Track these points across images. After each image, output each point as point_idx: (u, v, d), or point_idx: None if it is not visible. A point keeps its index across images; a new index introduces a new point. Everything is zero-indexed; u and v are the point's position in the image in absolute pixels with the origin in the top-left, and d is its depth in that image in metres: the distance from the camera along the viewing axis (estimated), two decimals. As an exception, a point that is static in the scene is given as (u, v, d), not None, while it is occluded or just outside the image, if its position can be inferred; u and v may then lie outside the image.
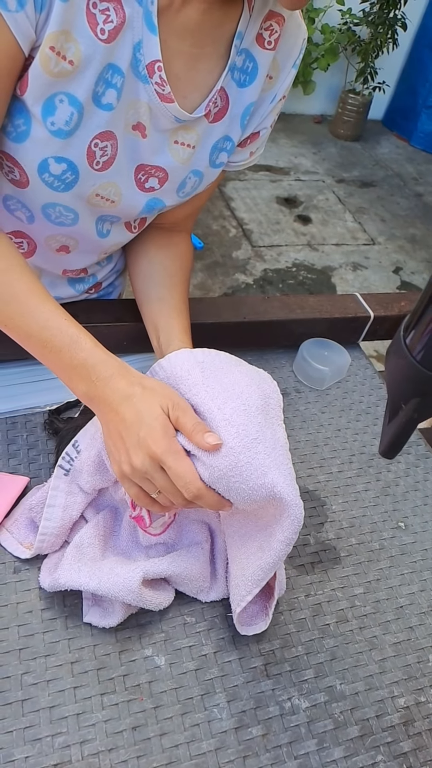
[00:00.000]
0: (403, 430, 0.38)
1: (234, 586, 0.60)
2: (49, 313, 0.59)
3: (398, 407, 0.37)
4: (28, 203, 0.69)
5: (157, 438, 0.54)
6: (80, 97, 0.58)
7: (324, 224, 3.45)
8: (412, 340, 0.32)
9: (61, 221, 0.70)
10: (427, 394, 0.34)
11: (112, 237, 0.77)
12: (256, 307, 0.94)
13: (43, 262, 0.80)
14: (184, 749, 0.53)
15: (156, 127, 0.66)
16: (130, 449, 0.55)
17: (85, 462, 0.63)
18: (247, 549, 0.60)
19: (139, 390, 0.57)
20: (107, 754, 0.52)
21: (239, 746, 0.54)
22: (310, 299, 0.99)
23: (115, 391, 0.57)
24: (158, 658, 0.59)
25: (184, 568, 0.61)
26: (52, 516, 0.62)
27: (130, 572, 0.58)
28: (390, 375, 0.37)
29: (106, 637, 0.59)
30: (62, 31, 0.54)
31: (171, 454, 0.54)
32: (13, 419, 0.76)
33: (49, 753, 0.51)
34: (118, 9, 0.56)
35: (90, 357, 0.58)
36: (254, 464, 0.53)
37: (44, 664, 0.56)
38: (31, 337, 0.59)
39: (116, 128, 0.63)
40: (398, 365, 0.33)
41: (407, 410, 0.36)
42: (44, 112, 0.58)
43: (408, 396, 0.35)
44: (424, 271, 3.22)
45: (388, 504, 0.79)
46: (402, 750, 0.57)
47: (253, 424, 0.55)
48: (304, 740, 0.56)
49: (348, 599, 0.67)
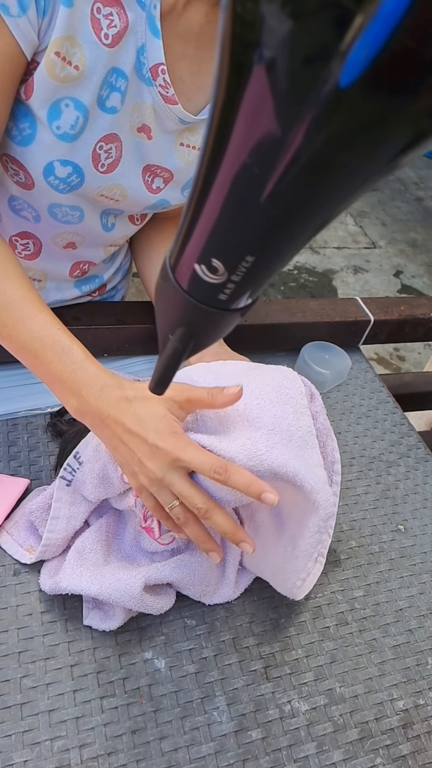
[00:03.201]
0: (169, 363, 0.36)
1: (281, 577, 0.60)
2: (43, 322, 0.57)
3: (166, 339, 0.35)
4: (34, 204, 0.69)
5: (169, 439, 0.52)
6: (85, 101, 0.59)
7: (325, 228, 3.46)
8: (177, 265, 0.30)
9: (68, 219, 0.70)
10: (192, 323, 0.32)
11: (117, 230, 0.78)
12: (257, 310, 0.94)
13: (50, 263, 0.80)
14: (184, 753, 0.53)
15: (161, 128, 0.66)
16: (143, 458, 0.53)
17: (88, 474, 0.61)
18: (282, 543, 0.59)
19: (134, 397, 0.55)
20: (106, 758, 0.52)
21: (239, 749, 0.54)
22: (311, 303, 0.99)
23: (109, 404, 0.54)
24: (158, 661, 0.59)
25: (187, 573, 0.61)
26: (55, 528, 0.62)
27: (132, 578, 0.58)
28: (157, 306, 0.35)
29: (106, 640, 0.59)
30: (67, 37, 0.54)
31: (187, 449, 0.52)
32: (14, 421, 0.77)
33: (48, 757, 0.51)
34: (121, 14, 0.56)
35: (79, 370, 0.56)
36: (274, 454, 0.53)
37: (44, 667, 0.56)
38: (23, 347, 0.57)
39: (121, 131, 0.63)
40: (165, 294, 0.32)
41: (173, 341, 0.34)
42: (50, 116, 0.59)
43: (174, 326, 0.33)
44: (424, 275, 3.22)
45: (387, 507, 0.79)
46: (401, 753, 0.57)
47: (267, 417, 0.54)
48: (304, 743, 0.56)
49: (348, 602, 0.67)
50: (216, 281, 0.29)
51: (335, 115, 0.18)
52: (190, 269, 0.29)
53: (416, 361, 2.60)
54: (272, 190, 0.22)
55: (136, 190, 0.70)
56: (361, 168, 0.21)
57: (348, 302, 1.02)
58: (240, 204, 0.24)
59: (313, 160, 0.20)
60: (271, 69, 0.18)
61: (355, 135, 0.19)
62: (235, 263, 0.27)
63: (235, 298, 0.30)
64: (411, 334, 1.05)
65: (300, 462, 0.55)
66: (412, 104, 0.17)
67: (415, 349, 2.66)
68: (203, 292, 0.30)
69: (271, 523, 0.62)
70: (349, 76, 0.17)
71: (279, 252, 0.27)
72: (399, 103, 0.17)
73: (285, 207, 0.23)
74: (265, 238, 0.26)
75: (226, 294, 0.29)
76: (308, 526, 0.56)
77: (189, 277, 0.30)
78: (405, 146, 0.19)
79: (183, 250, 0.29)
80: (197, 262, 0.29)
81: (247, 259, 0.27)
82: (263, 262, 0.27)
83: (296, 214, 0.24)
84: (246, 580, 0.65)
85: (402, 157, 0.20)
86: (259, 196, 0.23)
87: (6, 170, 0.66)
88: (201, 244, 0.28)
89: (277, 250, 0.27)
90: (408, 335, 1.05)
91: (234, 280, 0.28)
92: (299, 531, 0.57)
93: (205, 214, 0.26)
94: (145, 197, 0.71)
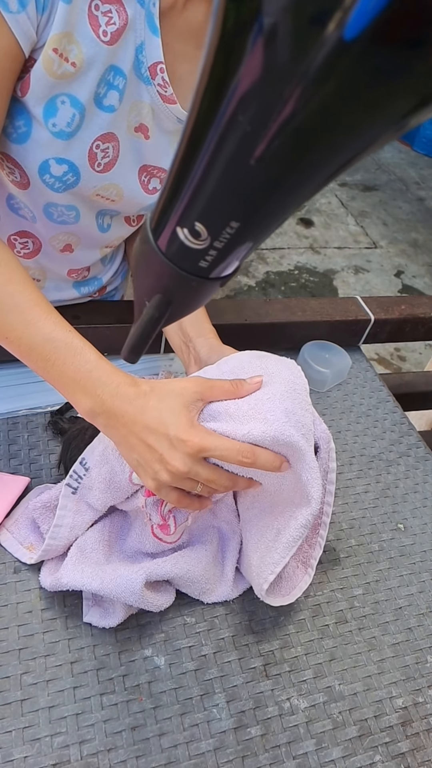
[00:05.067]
0: (144, 330, 0.35)
1: (256, 570, 0.61)
2: (54, 324, 0.56)
3: (142, 306, 0.34)
4: (30, 203, 0.69)
5: (190, 431, 0.52)
6: (82, 98, 0.58)
7: (326, 227, 3.46)
8: (158, 229, 0.29)
9: (63, 220, 0.70)
10: (169, 290, 0.32)
11: (113, 231, 0.78)
12: (257, 309, 0.95)
13: (49, 262, 0.80)
14: (183, 749, 0.53)
15: (159, 128, 0.66)
16: (165, 454, 0.52)
17: (95, 480, 0.61)
18: (266, 536, 0.61)
19: (150, 392, 0.54)
20: (106, 754, 0.52)
21: (238, 746, 0.54)
22: (312, 302, 0.99)
23: (126, 401, 0.54)
24: (158, 659, 0.59)
25: (187, 570, 0.61)
26: (57, 535, 0.62)
27: (132, 574, 0.58)
28: (136, 271, 0.34)
29: (106, 637, 0.59)
30: (65, 33, 0.54)
31: (210, 438, 0.52)
32: (14, 419, 0.77)
33: (48, 753, 0.51)
34: (121, 11, 0.56)
35: (95, 369, 0.55)
36: (290, 431, 0.53)
37: (44, 664, 0.56)
38: (33, 350, 0.57)
39: (118, 130, 0.63)
40: (144, 258, 0.31)
41: (149, 308, 0.33)
42: (46, 113, 0.59)
43: (152, 292, 0.32)
44: (425, 275, 3.22)
45: (387, 506, 0.79)
46: (400, 750, 0.57)
47: (279, 410, 0.54)
48: (303, 740, 0.56)
49: (347, 600, 0.68)
50: (198, 246, 0.28)
51: (336, 70, 0.17)
52: (171, 232, 0.28)
53: (417, 362, 2.60)
54: (264, 151, 0.21)
55: (132, 190, 0.70)
56: (359, 131, 0.20)
57: (348, 301, 1.02)
58: (228, 164, 0.23)
59: (310, 120, 0.19)
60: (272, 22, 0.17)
61: (355, 94, 0.18)
62: (219, 228, 0.26)
63: (216, 266, 0.29)
64: (411, 334, 1.05)
65: (307, 450, 0.55)
66: (418, 62, 0.16)
67: (416, 350, 2.66)
68: (184, 258, 0.29)
69: (263, 516, 0.62)
70: (354, 29, 0.16)
71: (265, 219, 0.26)
72: (405, 60, 0.16)
73: (276, 170, 0.22)
74: (251, 204, 0.25)
75: (207, 261, 0.29)
76: (296, 517, 0.58)
77: (169, 241, 0.29)
78: (405, 110, 0.18)
79: (165, 212, 0.28)
80: (179, 225, 0.27)
81: (231, 225, 0.26)
82: (248, 229, 0.26)
83: (286, 180, 0.23)
84: (245, 582, 0.66)
85: (399, 122, 0.19)
86: (250, 157, 0.22)
87: (2, 168, 0.66)
88: (184, 205, 0.27)
89: (263, 216, 0.26)
90: (408, 334, 1.05)
91: (216, 246, 0.27)
92: (286, 523, 0.59)
93: (190, 175, 0.25)
94: (141, 198, 0.71)
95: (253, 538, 0.63)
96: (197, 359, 0.70)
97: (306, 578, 0.64)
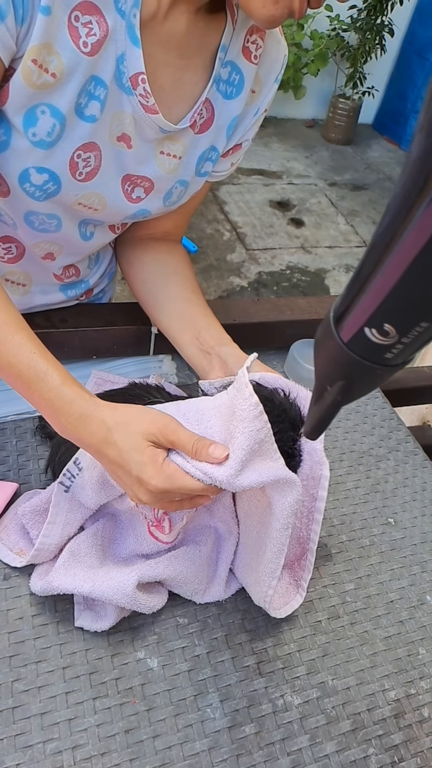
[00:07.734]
0: (327, 413, 0.37)
1: (255, 585, 0.62)
2: (18, 346, 0.55)
3: (324, 389, 0.36)
4: (10, 211, 0.69)
5: (151, 473, 0.52)
6: (62, 108, 0.58)
7: (317, 227, 3.47)
8: (341, 323, 0.31)
9: (45, 228, 0.70)
10: (352, 378, 0.33)
11: (96, 239, 0.78)
12: (246, 309, 0.95)
13: (32, 266, 0.80)
14: (178, 750, 0.53)
15: (142, 137, 0.66)
16: (132, 486, 0.54)
17: (88, 480, 0.61)
18: (255, 546, 0.62)
19: (114, 427, 0.54)
20: (100, 758, 0.52)
21: (232, 745, 0.54)
22: (300, 301, 0.99)
23: (89, 435, 0.54)
24: (151, 660, 0.59)
25: (180, 571, 0.61)
26: (50, 533, 0.62)
27: (125, 575, 0.58)
28: (318, 357, 0.36)
29: (99, 641, 0.59)
30: (44, 44, 0.54)
31: (170, 481, 0.53)
32: (2, 425, 0.77)
33: (41, 759, 0.51)
34: (101, 22, 0.56)
35: (56, 398, 0.54)
36: (247, 474, 0.54)
37: (35, 670, 0.56)
38: (1, 369, 0.56)
39: (100, 140, 0.63)
40: (326, 347, 0.33)
41: (332, 392, 0.35)
42: (25, 123, 0.59)
43: (334, 379, 0.34)
44: (417, 271, 3.23)
45: (377, 501, 0.79)
46: (393, 742, 0.57)
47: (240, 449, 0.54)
48: (297, 736, 0.56)
49: (339, 595, 0.68)
50: (385, 343, 0.29)
51: None
52: (357, 329, 0.30)
53: (411, 357, 2.61)
54: None
55: (115, 199, 0.70)
56: None
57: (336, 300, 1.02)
58: (425, 273, 0.24)
59: None
60: None
61: None
62: (409, 328, 0.28)
63: (401, 356, 0.31)
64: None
65: (268, 466, 0.55)
66: None
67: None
68: (369, 351, 0.30)
69: (255, 531, 0.63)
70: None
71: None
72: None
73: None
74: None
75: (393, 353, 0.30)
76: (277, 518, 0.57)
77: (355, 337, 0.30)
78: None
79: (351, 310, 0.30)
80: (367, 326, 0.29)
81: (421, 325, 0.27)
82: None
83: None
84: (237, 582, 0.66)
85: None
86: None
87: None
88: (373, 308, 0.28)
89: None
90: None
91: (404, 342, 0.29)
92: (266, 531, 0.59)
93: (381, 279, 0.26)
94: (125, 207, 0.71)
95: (250, 546, 0.63)
96: (223, 366, 0.70)
97: (298, 598, 0.65)
